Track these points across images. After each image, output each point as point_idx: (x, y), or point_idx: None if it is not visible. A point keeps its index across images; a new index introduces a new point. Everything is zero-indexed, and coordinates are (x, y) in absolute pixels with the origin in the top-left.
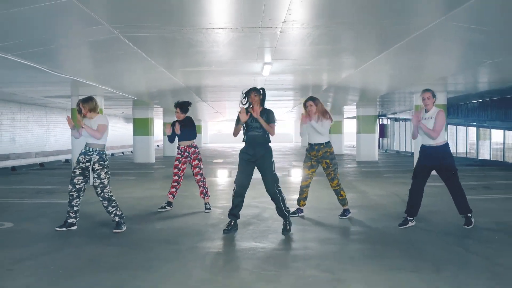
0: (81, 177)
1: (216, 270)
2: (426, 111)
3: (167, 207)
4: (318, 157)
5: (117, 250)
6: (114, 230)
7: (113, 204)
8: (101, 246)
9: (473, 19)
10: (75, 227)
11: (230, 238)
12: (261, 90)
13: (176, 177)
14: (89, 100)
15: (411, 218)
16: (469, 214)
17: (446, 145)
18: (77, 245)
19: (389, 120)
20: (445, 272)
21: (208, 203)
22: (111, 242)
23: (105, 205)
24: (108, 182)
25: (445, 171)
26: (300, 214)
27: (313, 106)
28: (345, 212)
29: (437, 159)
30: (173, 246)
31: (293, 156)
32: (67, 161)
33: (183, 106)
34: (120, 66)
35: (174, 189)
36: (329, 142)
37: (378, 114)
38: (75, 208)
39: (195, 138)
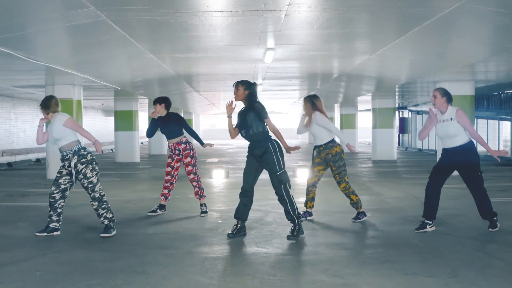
0: (68, 177)
1: (216, 275)
2: (442, 112)
3: (158, 210)
4: (322, 158)
5: (108, 255)
6: (102, 235)
7: (104, 205)
8: (90, 251)
9: (499, 1)
10: (58, 233)
11: (231, 243)
12: (252, 85)
13: (169, 177)
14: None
15: (430, 222)
16: (494, 218)
17: (471, 143)
18: (62, 250)
19: (410, 113)
20: (463, 278)
21: (204, 205)
22: (100, 247)
23: (94, 206)
24: (97, 179)
25: (469, 171)
26: (308, 218)
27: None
28: (358, 215)
29: (461, 155)
30: (168, 251)
31: (299, 155)
32: (38, 160)
33: (167, 101)
34: (104, 52)
35: (166, 190)
36: (329, 142)
37: (397, 106)
38: (59, 211)
39: (182, 134)
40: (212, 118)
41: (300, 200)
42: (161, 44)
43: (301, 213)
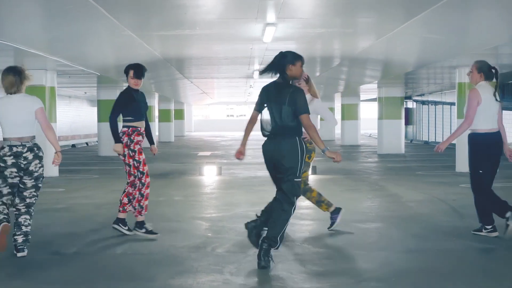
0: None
1: None
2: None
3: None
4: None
5: None
6: (21, 254)
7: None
8: (31, 283)
9: None
10: None
11: (224, 269)
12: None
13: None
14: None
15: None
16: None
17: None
18: None
19: (415, 103)
20: None
21: (142, 224)
22: (48, 277)
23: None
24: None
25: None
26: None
27: (303, 85)
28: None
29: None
30: (138, 284)
31: None
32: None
33: (139, 69)
34: (73, 28)
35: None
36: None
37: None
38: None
39: (142, 119)
40: (205, 109)
41: (300, 223)
42: (140, 17)
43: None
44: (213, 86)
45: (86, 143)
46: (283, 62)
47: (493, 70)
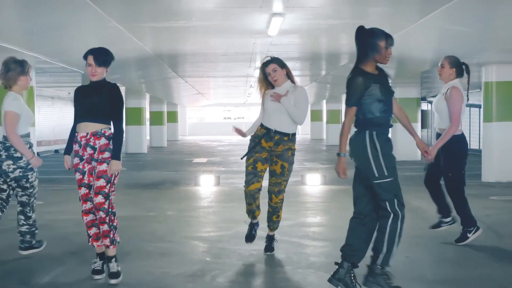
0: None
1: None
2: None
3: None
4: (275, 152)
5: None
6: (23, 252)
7: None
8: None
9: None
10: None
11: None
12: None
13: (87, 206)
14: None
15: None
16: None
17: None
18: None
19: (430, 105)
20: None
21: (115, 259)
22: None
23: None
24: None
25: None
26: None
27: (279, 72)
28: (271, 243)
29: None
30: None
31: (303, 154)
32: None
33: (101, 54)
34: (53, 20)
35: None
36: (295, 134)
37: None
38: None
39: (117, 120)
40: (201, 111)
41: (308, 221)
42: (128, 5)
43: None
44: (209, 86)
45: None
46: (375, 41)
47: (464, 66)
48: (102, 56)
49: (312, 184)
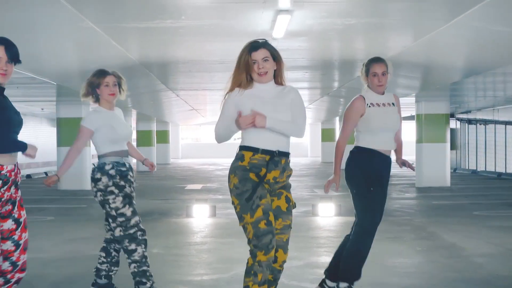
0: None
1: None
2: (378, 93)
3: None
4: (280, 183)
5: None
6: None
7: None
8: None
9: None
10: None
11: None
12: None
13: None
14: None
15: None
16: None
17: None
18: None
19: (459, 122)
20: None
21: None
22: None
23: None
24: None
25: None
26: None
27: (271, 64)
28: None
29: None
30: None
31: (313, 180)
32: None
33: (12, 44)
34: (17, 19)
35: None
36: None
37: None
38: None
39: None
40: (196, 130)
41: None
42: (103, 1)
43: None
44: (205, 101)
45: (45, 173)
46: None
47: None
48: (14, 47)
49: (324, 215)
